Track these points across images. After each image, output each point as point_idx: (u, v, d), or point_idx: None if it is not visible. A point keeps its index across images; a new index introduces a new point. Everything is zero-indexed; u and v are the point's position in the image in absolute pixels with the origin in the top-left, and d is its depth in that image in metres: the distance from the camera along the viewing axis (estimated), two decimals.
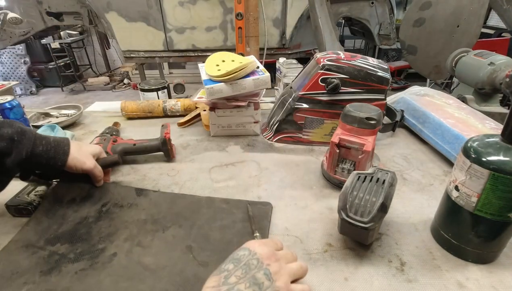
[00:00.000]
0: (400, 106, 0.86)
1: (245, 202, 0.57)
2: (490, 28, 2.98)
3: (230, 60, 0.78)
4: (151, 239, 0.49)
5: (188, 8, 2.17)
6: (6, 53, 3.61)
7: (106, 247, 0.48)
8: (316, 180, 0.64)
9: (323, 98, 0.72)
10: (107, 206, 0.56)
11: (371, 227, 0.41)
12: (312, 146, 0.78)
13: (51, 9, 2.28)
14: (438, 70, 1.86)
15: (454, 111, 0.75)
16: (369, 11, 2.24)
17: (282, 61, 1.05)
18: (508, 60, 0.91)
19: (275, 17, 2.22)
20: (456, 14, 1.68)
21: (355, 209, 0.43)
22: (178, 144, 0.80)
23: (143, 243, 0.48)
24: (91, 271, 0.44)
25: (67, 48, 3.66)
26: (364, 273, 0.43)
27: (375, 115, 0.55)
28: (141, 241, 0.49)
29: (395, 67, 3.54)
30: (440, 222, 0.48)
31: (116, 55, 4.31)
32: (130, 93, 3.74)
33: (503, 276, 0.43)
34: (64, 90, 3.85)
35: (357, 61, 0.71)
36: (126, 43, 2.31)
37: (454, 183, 0.43)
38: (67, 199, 0.55)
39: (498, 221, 0.40)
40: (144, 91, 1.03)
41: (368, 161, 0.57)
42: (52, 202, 0.55)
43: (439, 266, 0.44)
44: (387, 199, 0.43)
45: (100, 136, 0.71)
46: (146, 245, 0.48)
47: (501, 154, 0.38)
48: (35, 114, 0.93)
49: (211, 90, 0.72)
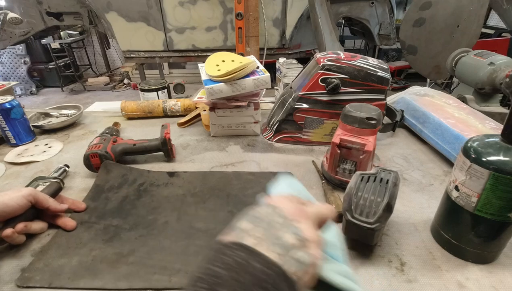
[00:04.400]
0: (400, 106, 0.86)
1: (268, 173, 0.65)
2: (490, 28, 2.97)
3: (230, 60, 0.78)
4: (195, 209, 0.55)
5: (188, 8, 2.16)
6: (6, 53, 3.60)
7: (156, 218, 0.53)
8: (316, 180, 0.64)
9: (323, 98, 0.72)
10: (144, 186, 0.62)
11: (377, 228, 0.41)
12: (312, 146, 0.78)
13: (51, 9, 2.28)
14: (438, 70, 1.86)
15: (454, 111, 0.75)
16: (369, 11, 2.24)
17: (282, 61, 1.05)
18: (508, 60, 0.91)
19: (275, 17, 2.22)
20: (456, 14, 1.69)
21: (360, 210, 0.42)
22: (178, 144, 0.80)
23: (189, 212, 0.55)
24: (150, 236, 0.49)
25: (67, 48, 3.66)
26: (364, 273, 0.43)
27: (375, 115, 0.55)
28: (186, 211, 0.55)
29: (395, 67, 3.54)
30: (440, 222, 0.48)
31: (116, 55, 4.30)
32: (130, 93, 3.73)
33: (503, 276, 0.43)
34: (64, 90, 3.85)
35: (357, 61, 0.71)
36: (126, 43, 2.31)
37: (454, 183, 0.43)
38: (106, 186, 0.61)
39: (498, 221, 0.40)
40: (144, 91, 1.03)
41: (370, 161, 0.57)
42: (94, 190, 0.60)
43: (439, 266, 0.44)
44: (392, 198, 0.43)
45: (100, 137, 0.71)
46: (192, 213, 0.54)
47: (501, 154, 0.38)
48: (35, 114, 0.93)
49: (211, 90, 0.72)
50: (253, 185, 0.61)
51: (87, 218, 0.54)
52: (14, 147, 0.79)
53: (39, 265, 0.44)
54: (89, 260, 0.45)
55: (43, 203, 0.50)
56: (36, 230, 0.50)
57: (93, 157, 0.65)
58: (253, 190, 0.60)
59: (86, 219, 0.53)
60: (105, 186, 0.61)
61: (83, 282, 0.42)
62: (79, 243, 0.48)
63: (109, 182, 0.62)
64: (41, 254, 0.46)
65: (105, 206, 0.56)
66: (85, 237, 0.50)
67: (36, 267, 0.44)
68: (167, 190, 0.61)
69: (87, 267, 0.44)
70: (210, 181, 0.63)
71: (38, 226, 0.50)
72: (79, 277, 0.42)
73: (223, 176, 0.65)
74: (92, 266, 0.44)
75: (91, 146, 0.67)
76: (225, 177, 0.64)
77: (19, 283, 0.42)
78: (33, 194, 0.49)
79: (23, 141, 0.80)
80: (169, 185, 0.62)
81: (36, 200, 0.49)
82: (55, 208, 0.51)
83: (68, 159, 0.74)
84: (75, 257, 0.46)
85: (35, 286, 0.41)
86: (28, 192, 0.48)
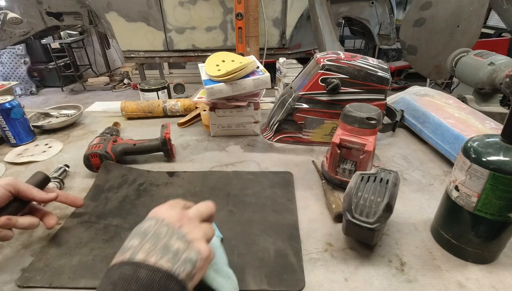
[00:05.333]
0: (400, 106, 0.86)
1: (268, 172, 0.66)
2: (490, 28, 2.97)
3: (230, 60, 0.78)
4: None
5: (188, 8, 2.17)
6: (6, 53, 3.61)
7: None
8: (316, 180, 0.64)
9: (323, 98, 0.72)
10: (144, 185, 0.62)
11: (377, 228, 0.41)
12: (312, 146, 0.78)
13: (51, 9, 2.28)
14: (438, 70, 1.86)
15: (454, 111, 0.75)
16: (369, 11, 2.24)
17: (282, 61, 1.05)
18: (508, 60, 0.91)
19: (275, 17, 2.22)
20: (456, 14, 1.69)
21: (360, 210, 0.42)
22: (178, 144, 0.80)
23: None
24: None
25: (67, 48, 3.66)
26: (364, 273, 0.43)
27: (375, 115, 0.55)
28: None
29: (395, 67, 3.54)
30: (440, 222, 0.48)
31: (116, 55, 4.31)
32: (130, 93, 3.73)
33: (503, 276, 0.43)
34: (64, 90, 3.85)
35: (357, 61, 0.71)
36: (126, 43, 2.31)
37: (454, 183, 0.43)
38: (106, 186, 0.61)
39: (498, 221, 0.40)
40: (144, 91, 1.03)
41: (370, 160, 0.57)
42: (94, 190, 0.61)
43: (439, 266, 0.44)
44: (392, 198, 0.43)
45: (100, 137, 0.71)
46: None
47: (501, 154, 0.38)
48: (35, 114, 0.93)
49: (211, 90, 0.72)
50: (253, 184, 0.62)
51: (87, 218, 0.54)
52: (14, 147, 0.79)
53: (39, 265, 0.44)
54: (89, 259, 0.45)
55: (26, 193, 0.45)
56: (24, 224, 0.44)
57: (93, 157, 0.65)
58: (253, 190, 0.60)
59: (86, 218, 0.53)
60: (105, 186, 0.61)
61: (83, 282, 0.42)
62: (79, 242, 0.48)
63: (109, 182, 0.63)
64: (41, 254, 0.46)
65: (105, 206, 0.56)
66: (85, 236, 0.50)
67: (36, 267, 0.44)
68: (167, 190, 0.61)
69: (88, 267, 0.44)
70: (210, 181, 0.63)
71: (26, 220, 0.44)
72: (79, 277, 0.42)
73: (223, 176, 0.65)
74: (92, 266, 0.44)
75: (91, 146, 0.67)
76: (225, 177, 0.64)
77: (19, 283, 0.42)
78: (12, 183, 0.43)
79: (23, 141, 0.80)
80: (169, 185, 0.62)
81: (17, 190, 0.44)
82: (40, 198, 0.46)
83: (68, 159, 0.74)
84: (75, 256, 0.46)
85: (36, 286, 0.41)
86: (6, 182, 0.43)
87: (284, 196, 0.58)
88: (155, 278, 0.26)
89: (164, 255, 0.28)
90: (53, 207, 0.57)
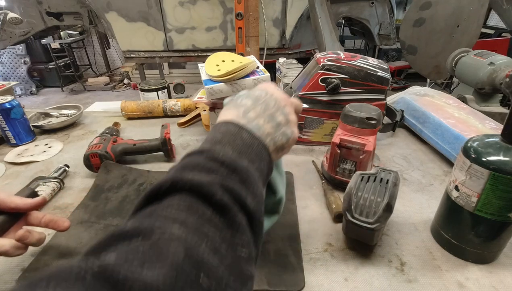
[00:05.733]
0: (400, 106, 0.86)
1: None
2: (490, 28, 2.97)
3: (230, 60, 0.78)
4: None
5: (188, 8, 2.16)
6: (6, 53, 3.60)
7: None
8: (316, 180, 0.64)
9: (323, 98, 0.72)
10: (144, 186, 0.62)
11: (377, 228, 0.41)
12: (312, 146, 0.78)
13: (51, 9, 2.28)
14: (438, 70, 1.86)
15: (454, 111, 0.75)
16: (369, 11, 2.24)
17: (282, 61, 1.05)
18: (508, 60, 0.91)
19: (275, 17, 2.22)
20: (456, 14, 1.68)
21: (360, 210, 0.42)
22: (178, 144, 0.80)
23: None
24: None
25: (67, 48, 3.66)
26: (364, 273, 0.43)
27: (375, 115, 0.55)
28: None
29: (395, 67, 3.54)
30: (440, 222, 0.48)
31: (116, 55, 4.30)
32: (130, 93, 3.73)
33: (503, 276, 0.43)
34: (64, 90, 3.85)
35: (357, 61, 0.71)
36: (126, 43, 2.31)
37: (454, 183, 0.43)
38: (106, 186, 0.61)
39: (498, 221, 0.40)
40: (144, 91, 1.03)
41: (370, 160, 0.57)
42: (94, 190, 0.61)
43: (439, 266, 0.44)
44: (391, 198, 0.43)
45: (100, 137, 0.71)
46: None
47: (501, 154, 0.38)
48: (35, 114, 0.93)
49: (211, 90, 0.72)
50: None
51: (87, 218, 0.54)
52: (14, 147, 0.79)
53: (39, 265, 0.44)
54: None
55: (5, 201, 0.40)
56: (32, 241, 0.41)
57: (93, 157, 0.65)
58: None
59: (86, 218, 0.53)
60: (105, 186, 0.62)
61: None
62: (79, 243, 0.48)
63: (109, 181, 0.63)
64: (41, 254, 0.46)
65: (105, 206, 0.56)
66: (85, 237, 0.50)
67: (36, 267, 0.44)
68: None
69: None
70: None
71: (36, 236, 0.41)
72: None
73: None
74: None
75: (91, 145, 0.67)
76: None
77: (19, 283, 0.41)
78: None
79: (23, 141, 0.80)
80: None
81: None
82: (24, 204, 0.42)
83: (68, 159, 0.74)
84: (75, 257, 0.46)
85: None
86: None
87: None
88: (254, 143, 0.30)
89: (270, 121, 0.32)
90: (53, 207, 0.57)
